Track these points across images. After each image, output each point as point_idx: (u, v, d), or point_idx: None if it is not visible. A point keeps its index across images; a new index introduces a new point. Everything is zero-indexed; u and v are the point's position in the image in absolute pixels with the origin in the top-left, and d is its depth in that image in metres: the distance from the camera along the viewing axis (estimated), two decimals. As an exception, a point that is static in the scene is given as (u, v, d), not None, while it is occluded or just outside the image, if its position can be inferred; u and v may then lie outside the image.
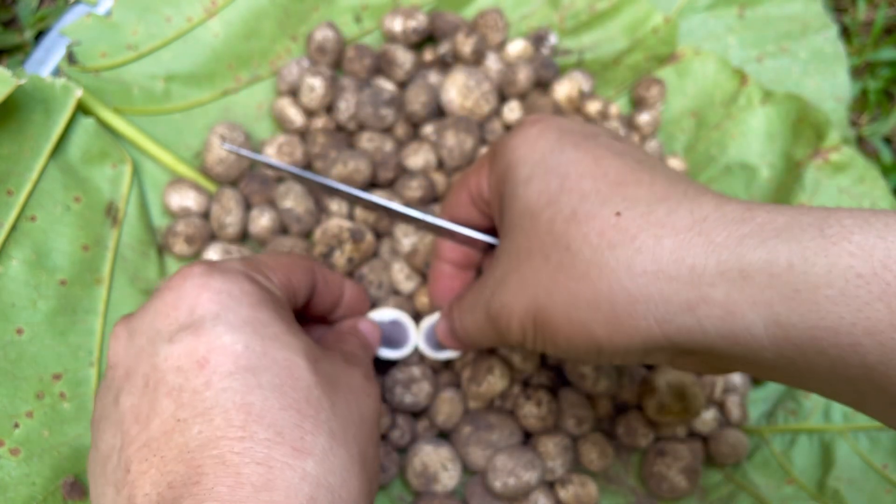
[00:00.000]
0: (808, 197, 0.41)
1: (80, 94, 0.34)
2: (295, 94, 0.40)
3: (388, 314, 0.35)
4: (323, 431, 0.22)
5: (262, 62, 0.40)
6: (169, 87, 0.38)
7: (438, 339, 0.32)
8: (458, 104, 0.38)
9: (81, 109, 0.35)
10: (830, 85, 0.45)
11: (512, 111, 0.40)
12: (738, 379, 0.39)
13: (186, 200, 0.37)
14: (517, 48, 0.41)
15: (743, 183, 0.42)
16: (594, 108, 0.41)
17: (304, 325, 0.31)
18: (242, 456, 0.20)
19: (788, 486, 0.37)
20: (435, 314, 0.35)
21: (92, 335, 0.33)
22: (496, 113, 0.40)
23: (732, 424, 0.38)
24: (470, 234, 0.31)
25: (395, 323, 0.35)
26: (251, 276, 0.25)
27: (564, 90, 0.41)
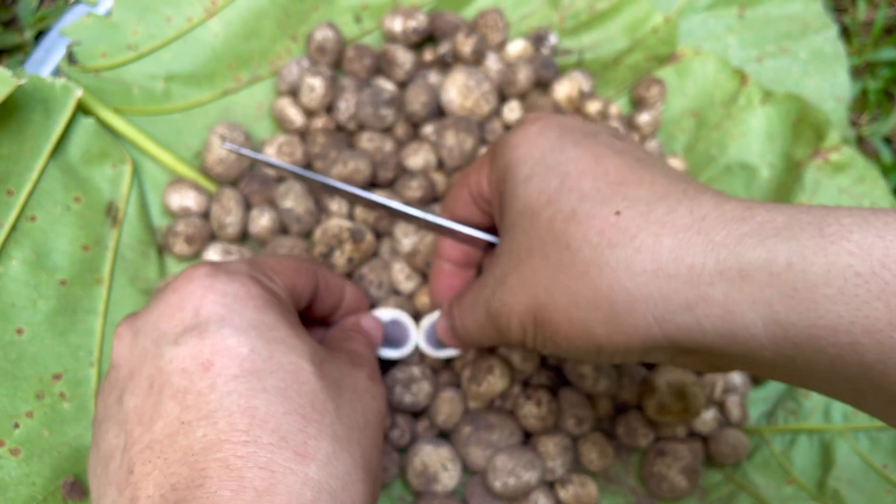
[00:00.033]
0: (808, 197, 0.41)
1: (80, 94, 0.34)
2: (295, 94, 0.40)
3: (388, 314, 0.35)
4: (327, 436, 0.22)
5: (262, 62, 0.41)
6: (169, 87, 0.39)
7: (439, 337, 0.32)
8: (458, 104, 0.38)
9: (81, 109, 0.35)
10: (830, 85, 0.45)
11: (512, 111, 0.40)
12: (738, 379, 0.39)
13: (186, 200, 0.37)
14: (517, 48, 0.42)
15: (743, 183, 0.42)
16: (594, 108, 0.41)
17: (306, 327, 0.31)
18: (246, 460, 0.20)
19: (788, 486, 0.37)
20: (435, 313, 0.35)
21: (92, 335, 0.33)
22: (496, 113, 0.40)
23: (732, 424, 0.38)
24: (470, 232, 0.31)
25: (395, 323, 0.35)
26: (256, 277, 0.25)
27: (564, 90, 0.41)
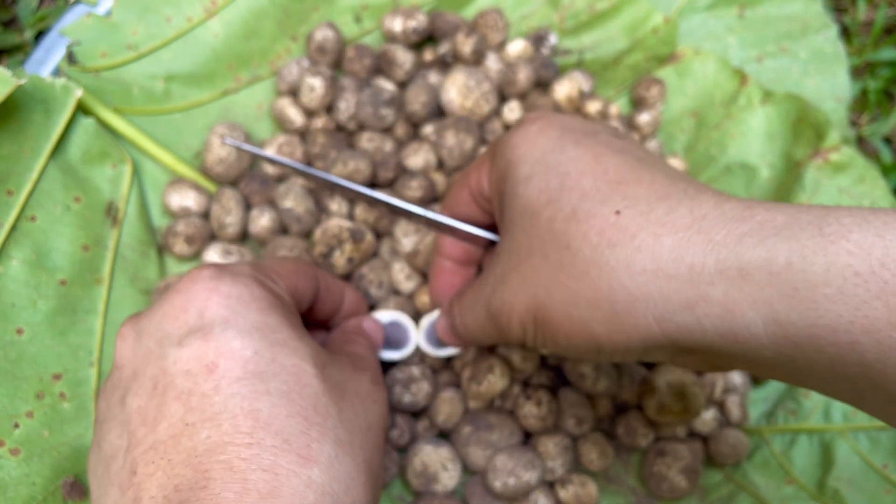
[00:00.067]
0: (808, 197, 0.41)
1: (80, 94, 0.34)
2: (295, 94, 0.40)
3: (387, 315, 0.35)
4: (329, 439, 0.22)
5: (262, 62, 0.41)
6: (169, 87, 0.39)
7: (439, 335, 0.32)
8: (458, 104, 0.38)
9: (81, 109, 0.35)
10: (830, 85, 0.45)
11: (512, 111, 0.40)
12: (738, 379, 0.39)
13: (186, 200, 0.37)
14: (517, 48, 0.42)
15: (743, 183, 0.42)
16: (594, 108, 0.41)
17: (307, 329, 0.31)
18: (249, 462, 0.20)
19: (788, 486, 0.37)
20: (435, 312, 0.35)
21: (92, 335, 0.33)
22: (496, 113, 0.40)
23: (732, 424, 0.38)
24: (471, 230, 0.31)
25: (394, 324, 0.35)
26: (260, 279, 0.25)
27: (564, 90, 0.41)
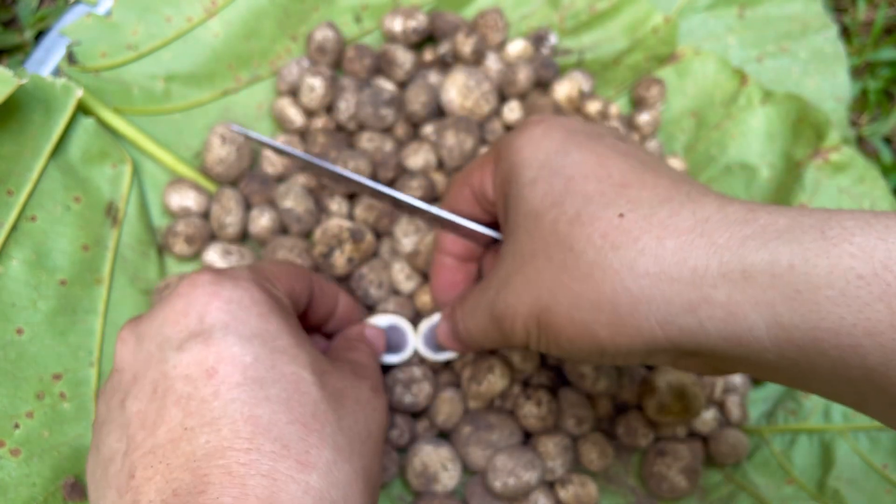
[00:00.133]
0: (808, 197, 0.41)
1: (80, 94, 0.34)
2: (295, 94, 0.40)
3: (385, 320, 0.35)
4: (328, 446, 0.22)
5: (262, 62, 0.40)
6: (169, 87, 0.38)
7: (440, 341, 0.32)
8: (458, 104, 0.38)
9: (81, 109, 0.35)
10: (830, 85, 0.45)
11: (512, 111, 0.40)
12: (738, 379, 0.39)
13: (186, 200, 0.37)
14: (517, 48, 0.41)
15: (743, 183, 0.42)
16: (594, 108, 0.41)
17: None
18: (248, 468, 0.20)
19: (788, 486, 0.37)
20: (434, 316, 0.35)
21: (92, 335, 0.33)
22: (496, 113, 0.40)
23: (732, 424, 0.38)
24: (474, 227, 0.31)
25: (393, 328, 0.35)
26: (260, 283, 0.25)
27: (564, 90, 0.41)
